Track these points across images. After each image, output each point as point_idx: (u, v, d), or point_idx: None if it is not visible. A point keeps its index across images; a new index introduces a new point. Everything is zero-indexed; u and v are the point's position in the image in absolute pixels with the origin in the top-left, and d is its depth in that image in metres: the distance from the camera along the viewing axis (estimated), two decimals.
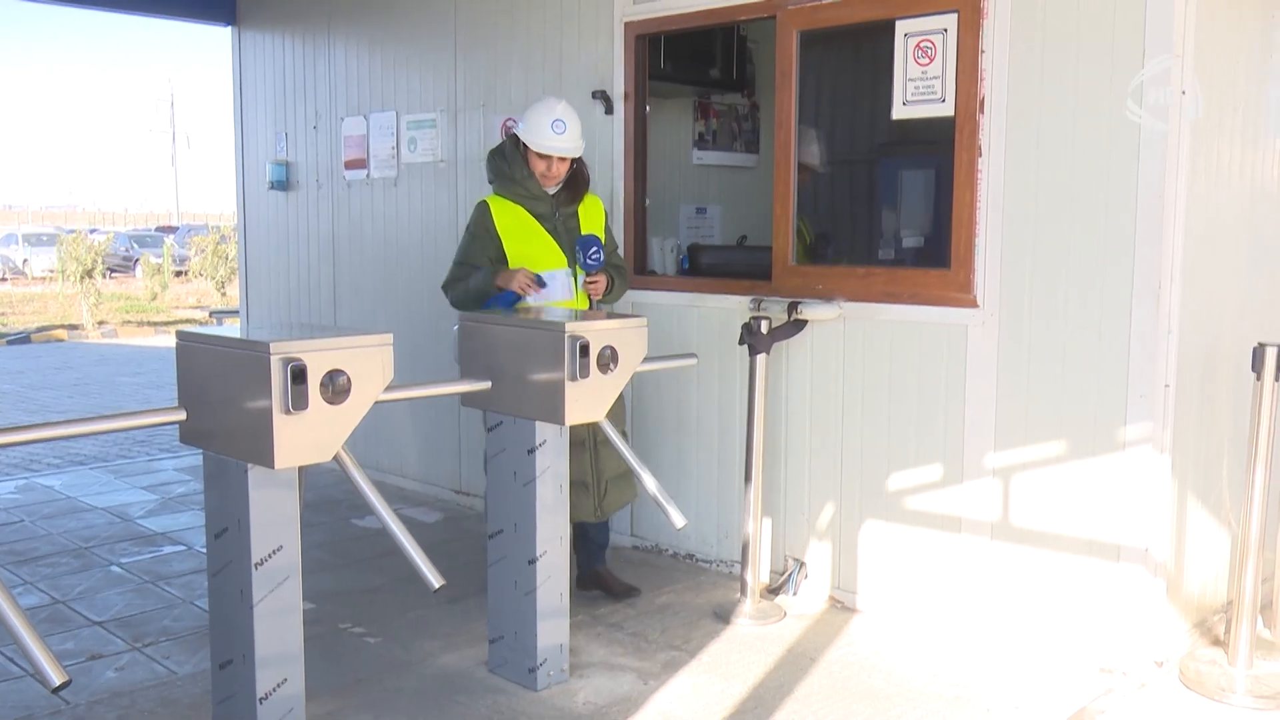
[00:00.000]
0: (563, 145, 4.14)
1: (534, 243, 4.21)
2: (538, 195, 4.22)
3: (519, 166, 4.21)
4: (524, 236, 4.20)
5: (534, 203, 4.21)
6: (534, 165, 4.18)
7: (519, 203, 4.21)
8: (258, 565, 2.87)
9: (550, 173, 4.19)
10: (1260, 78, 4.02)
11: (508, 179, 4.24)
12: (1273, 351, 3.61)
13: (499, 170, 4.26)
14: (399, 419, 6.26)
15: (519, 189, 4.21)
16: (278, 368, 2.73)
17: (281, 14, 6.96)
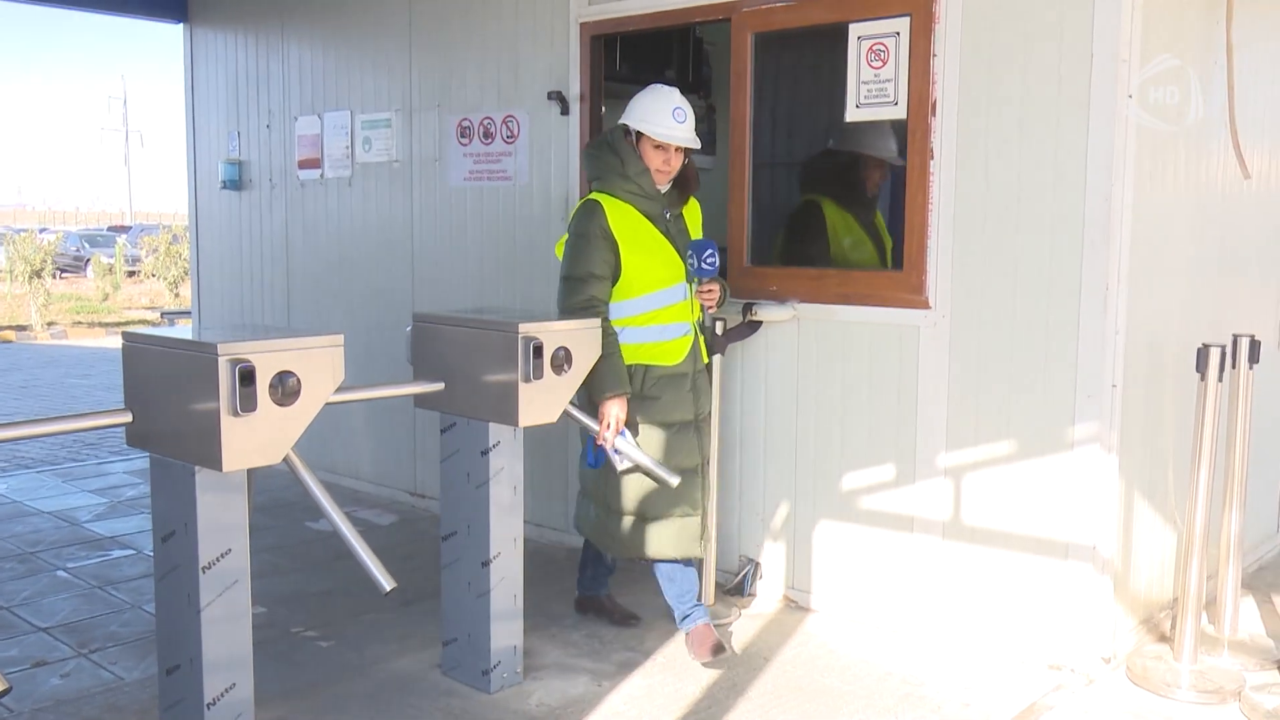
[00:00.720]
0: (685, 135, 3.78)
1: (652, 251, 3.79)
2: (651, 194, 3.81)
3: (633, 160, 3.77)
4: (640, 243, 3.78)
5: (647, 203, 3.81)
6: (649, 159, 3.78)
7: (630, 202, 3.79)
8: (205, 569, 2.84)
9: (667, 166, 3.80)
10: (1205, 84, 4.08)
11: (619, 175, 3.78)
12: (1216, 352, 3.67)
13: (608, 165, 3.80)
14: (354, 420, 6.21)
15: (632, 186, 3.78)
16: (225, 369, 2.70)
17: (234, 11, 6.88)
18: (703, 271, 3.82)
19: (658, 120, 3.76)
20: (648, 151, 3.78)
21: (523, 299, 5.26)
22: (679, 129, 3.76)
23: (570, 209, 5.06)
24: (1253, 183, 4.45)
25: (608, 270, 3.73)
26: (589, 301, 3.71)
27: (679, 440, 3.86)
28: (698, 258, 3.81)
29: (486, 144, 5.40)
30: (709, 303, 3.92)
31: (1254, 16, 4.27)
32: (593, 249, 3.71)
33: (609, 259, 3.72)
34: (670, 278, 3.81)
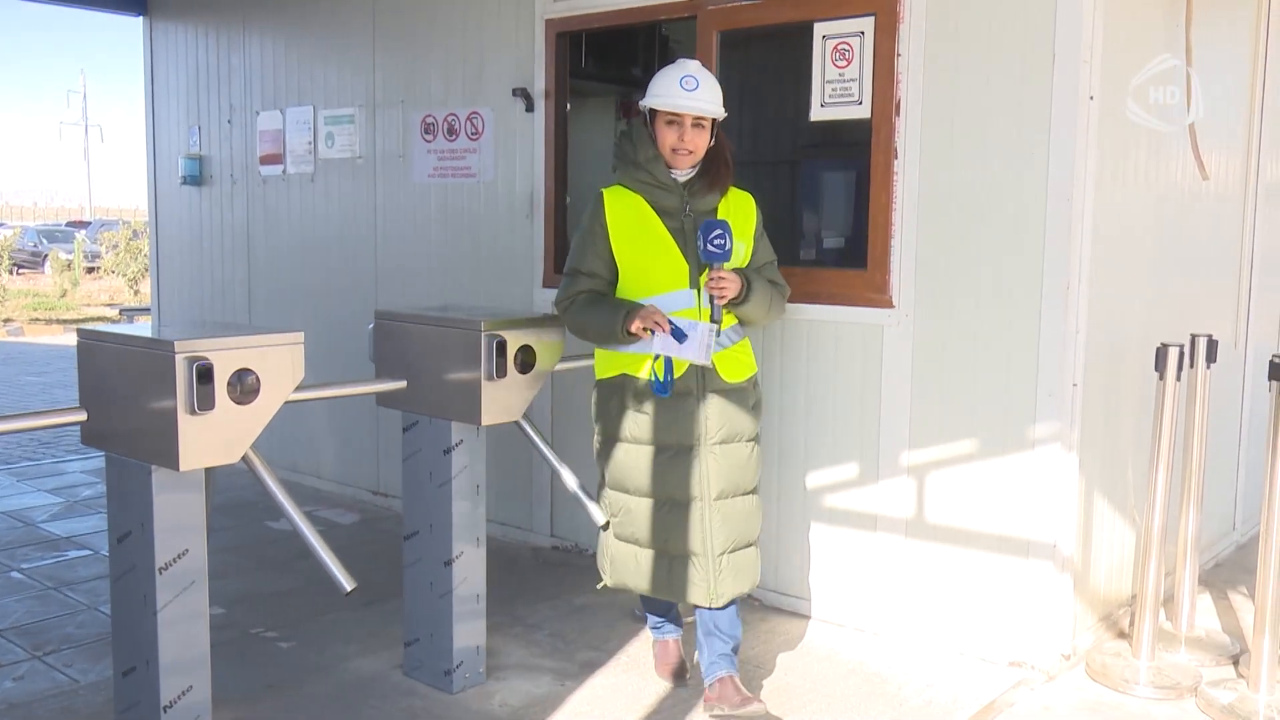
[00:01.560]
0: (695, 103, 3.28)
1: (651, 249, 3.34)
2: (664, 183, 3.35)
3: (644, 145, 3.36)
4: (639, 239, 3.33)
5: (659, 192, 3.36)
6: (662, 140, 3.33)
7: (641, 193, 3.37)
8: (162, 570, 2.80)
9: (682, 145, 3.31)
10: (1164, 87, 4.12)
11: (631, 162, 3.38)
12: (1174, 351, 3.71)
13: (623, 153, 3.42)
14: (315, 419, 6.16)
15: (642, 174, 3.36)
16: (183, 367, 2.66)
17: (194, 4, 6.80)
18: (710, 255, 3.24)
19: (663, 89, 3.32)
20: (661, 131, 3.34)
21: (487, 297, 5.23)
22: (687, 96, 3.29)
23: (535, 206, 5.05)
24: (1211, 183, 4.50)
25: (600, 267, 3.38)
26: (570, 299, 3.43)
27: (671, 468, 3.35)
28: (704, 239, 3.24)
29: (451, 141, 5.37)
30: (720, 294, 3.27)
31: (1209, 21, 4.32)
32: (585, 245, 3.41)
33: (602, 255, 3.38)
34: (672, 281, 3.33)
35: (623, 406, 3.40)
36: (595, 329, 3.37)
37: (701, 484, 3.35)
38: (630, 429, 3.39)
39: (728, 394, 3.38)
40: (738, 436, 3.40)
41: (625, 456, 3.42)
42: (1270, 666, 3.51)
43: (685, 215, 3.36)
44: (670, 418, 3.34)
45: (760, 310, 3.44)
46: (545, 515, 5.16)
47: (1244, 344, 5.09)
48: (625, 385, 3.39)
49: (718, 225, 3.25)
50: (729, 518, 3.37)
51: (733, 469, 3.38)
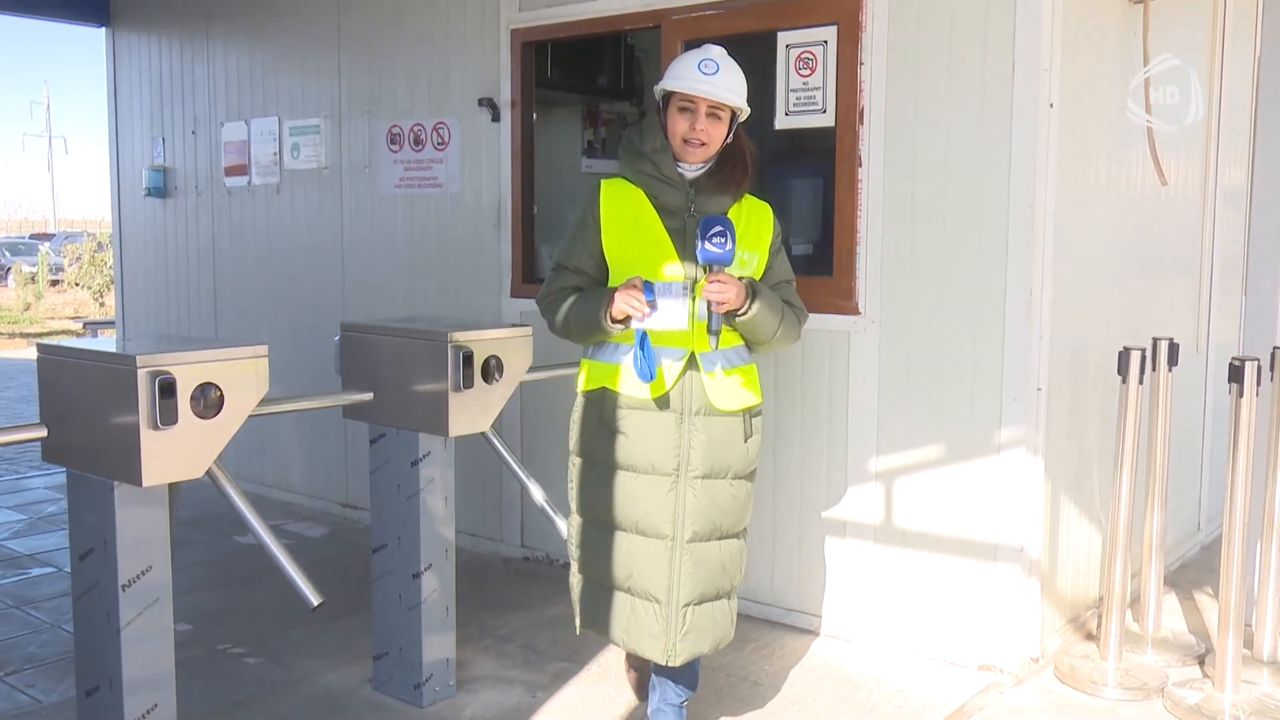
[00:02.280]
0: (712, 88, 2.93)
1: (644, 244, 2.97)
2: (669, 177, 2.99)
3: (653, 134, 3.02)
4: (632, 236, 2.99)
5: (662, 187, 2.99)
6: (673, 129, 2.97)
7: (643, 185, 3.02)
8: (125, 587, 2.76)
9: (694, 133, 2.94)
10: (1123, 95, 4.17)
11: (634, 151, 3.05)
12: (1136, 355, 3.75)
13: (629, 142, 3.10)
14: (283, 431, 6.11)
15: (645, 165, 3.01)
16: (145, 381, 2.64)
17: (157, 15, 6.75)
18: (707, 255, 2.83)
19: (681, 72, 2.98)
20: (673, 120, 2.98)
21: (455, 307, 5.22)
22: (704, 81, 2.93)
23: (501, 216, 5.04)
24: (1171, 188, 4.56)
25: (588, 263, 3.04)
26: (554, 296, 3.09)
27: (642, 497, 2.98)
28: (702, 236, 2.84)
29: (417, 151, 5.36)
30: (717, 301, 2.84)
31: (1165, 28, 4.38)
32: (574, 238, 3.06)
33: (592, 250, 3.03)
34: (656, 270, 2.96)
35: (598, 423, 3.04)
36: (578, 322, 3.00)
37: (675, 521, 2.96)
38: (603, 449, 3.03)
39: (718, 423, 2.98)
40: (724, 472, 3.00)
41: (595, 480, 3.06)
42: (1235, 666, 3.55)
43: (689, 215, 2.97)
44: (648, 439, 2.97)
45: (767, 327, 2.97)
46: (515, 525, 5.14)
47: (1205, 347, 5.15)
48: (603, 400, 3.03)
49: (718, 222, 2.85)
50: (702, 564, 2.99)
51: (713, 509, 2.98)
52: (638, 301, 2.83)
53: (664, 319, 2.87)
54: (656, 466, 2.97)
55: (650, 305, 2.84)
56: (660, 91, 3.02)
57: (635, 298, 2.83)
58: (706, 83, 2.94)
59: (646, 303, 2.84)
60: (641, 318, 2.84)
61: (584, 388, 3.12)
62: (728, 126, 3.00)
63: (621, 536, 3.03)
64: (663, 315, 2.86)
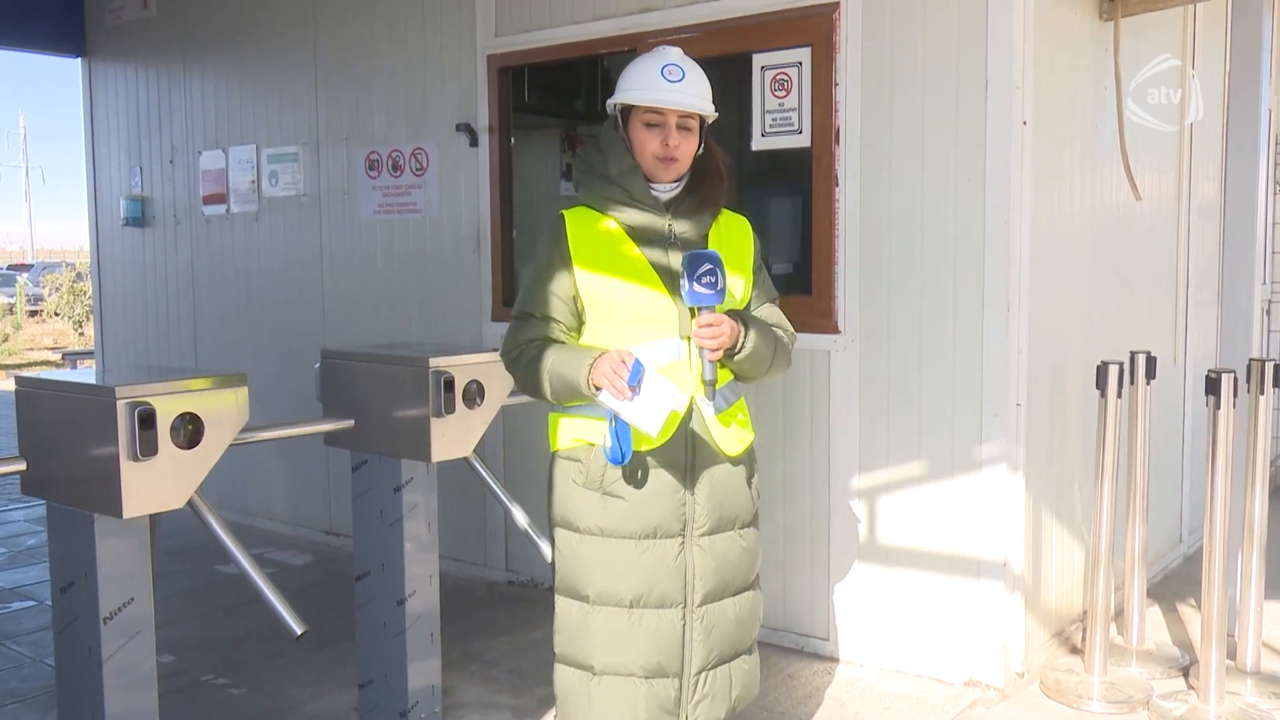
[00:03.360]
0: (681, 97, 2.59)
1: (628, 285, 2.59)
2: (642, 199, 2.63)
3: (617, 154, 2.63)
4: (610, 270, 2.60)
5: (639, 213, 2.63)
6: (642, 146, 2.61)
7: (613, 213, 2.64)
8: (107, 620, 2.74)
9: (666, 152, 2.59)
10: (1095, 112, 4.22)
11: (600, 176, 2.65)
12: (1114, 369, 3.78)
13: (587, 165, 2.71)
14: (264, 460, 6.08)
15: (614, 190, 2.63)
16: (124, 412, 2.62)
17: (133, 45, 6.75)
18: (697, 297, 2.47)
19: (642, 81, 2.62)
20: (640, 136, 2.61)
21: (436, 332, 5.22)
22: (671, 89, 2.59)
23: (481, 241, 5.05)
24: (1145, 203, 4.61)
25: (558, 309, 2.62)
26: (518, 350, 2.67)
27: (654, 564, 2.59)
28: (689, 275, 2.47)
29: (395, 176, 5.36)
30: (711, 344, 2.49)
31: (1135, 46, 4.44)
32: (538, 281, 2.65)
33: (561, 294, 2.62)
34: (656, 326, 2.58)
35: (585, 488, 2.63)
36: (556, 382, 2.56)
37: (687, 586, 2.62)
38: (595, 518, 2.61)
39: (721, 470, 2.66)
40: (732, 523, 2.68)
41: (590, 553, 2.62)
42: (1218, 677, 3.57)
43: (671, 243, 2.63)
44: (650, 500, 2.59)
45: (761, 363, 2.66)
46: (500, 550, 5.13)
47: (1184, 359, 5.20)
48: (589, 459, 2.62)
49: (706, 258, 2.48)
50: (715, 627, 2.66)
51: (724, 565, 2.66)
52: (620, 383, 2.42)
53: (642, 414, 2.42)
54: (660, 530, 2.60)
55: (632, 390, 2.42)
56: (618, 105, 2.67)
57: (619, 376, 2.42)
58: (674, 91, 2.60)
59: (629, 387, 2.41)
60: (619, 399, 2.43)
61: (559, 446, 2.69)
62: (699, 136, 2.67)
63: (620, 614, 2.61)
64: (641, 409, 2.42)
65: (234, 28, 6.08)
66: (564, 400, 2.60)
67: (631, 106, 2.63)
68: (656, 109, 2.59)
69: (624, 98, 2.63)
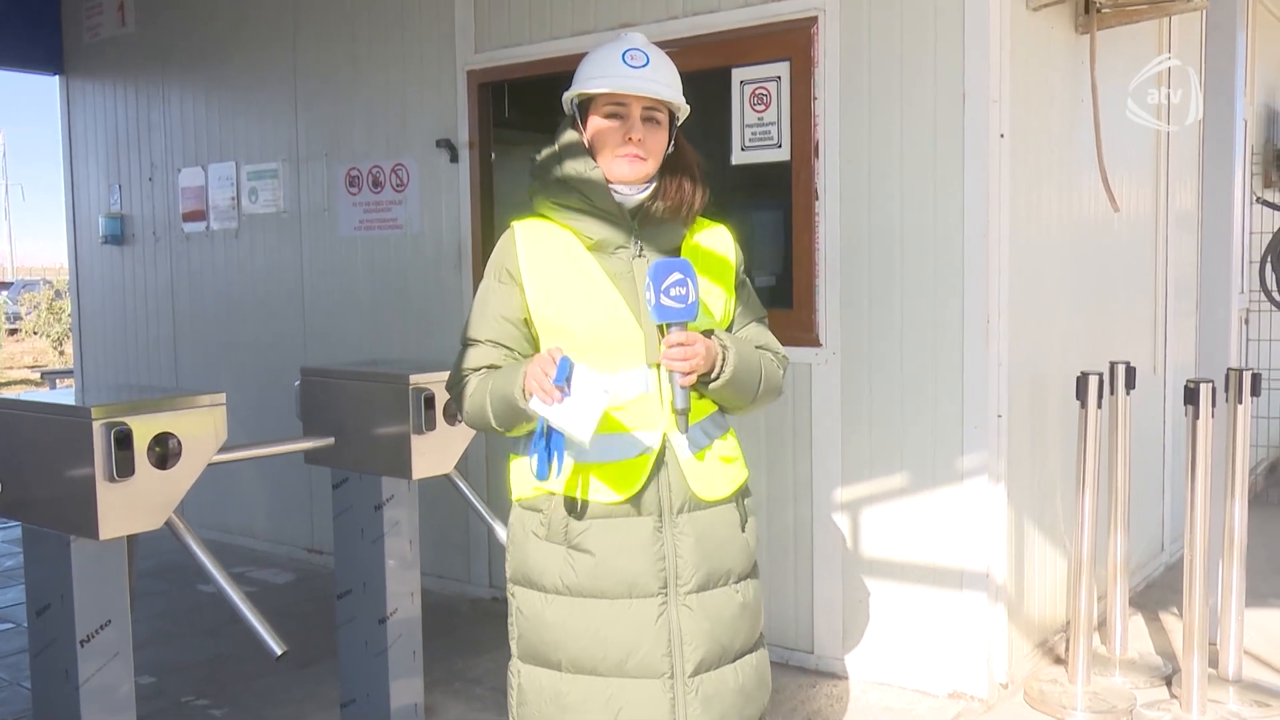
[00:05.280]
0: (646, 84, 2.24)
1: (584, 302, 2.25)
2: (604, 205, 2.27)
3: (575, 154, 2.28)
4: (565, 287, 2.26)
5: (596, 223, 2.27)
6: (602, 143, 2.26)
7: (572, 224, 2.28)
8: (84, 642, 2.72)
9: (631, 150, 2.24)
10: (1072, 124, 4.25)
11: (553, 180, 2.30)
12: (1094, 380, 3.80)
13: (542, 167, 2.34)
14: (245, 478, 6.04)
15: (571, 196, 2.27)
16: (100, 433, 2.61)
17: (111, 63, 6.72)
18: (665, 313, 2.12)
19: (601, 68, 2.26)
20: (600, 131, 2.26)
21: (417, 348, 5.20)
22: (634, 75, 2.23)
23: (462, 257, 5.04)
24: (1124, 214, 4.63)
25: (506, 333, 2.29)
26: (461, 380, 2.33)
27: (628, 626, 2.23)
28: (655, 287, 2.11)
29: (376, 193, 5.35)
30: (682, 369, 2.13)
31: (1112, 58, 4.47)
32: (485, 304, 2.33)
33: (510, 315, 2.28)
34: (619, 354, 2.23)
35: (548, 541, 2.29)
36: (495, 405, 2.23)
37: (672, 653, 2.24)
38: (559, 575, 2.27)
39: (707, 517, 2.30)
40: (725, 577, 2.32)
41: (553, 614, 2.28)
42: (1200, 686, 3.58)
43: (637, 256, 2.27)
44: (621, 554, 2.24)
45: (745, 389, 2.30)
46: (483, 566, 5.11)
47: (1163, 368, 5.22)
48: (551, 509, 2.29)
49: (674, 266, 2.13)
50: (715, 699, 2.27)
51: (719, 627, 2.28)
52: (547, 382, 2.04)
53: (572, 417, 2.05)
54: (637, 589, 2.24)
55: (561, 391, 2.04)
56: (574, 98, 2.31)
57: (543, 370, 2.06)
58: (637, 77, 2.24)
59: (556, 387, 2.04)
60: (547, 402, 2.06)
61: (519, 496, 2.38)
62: (668, 134, 2.32)
63: (598, 684, 2.24)
64: (571, 411, 2.04)
65: (213, 44, 6.07)
66: (509, 426, 2.25)
67: (590, 98, 2.27)
68: (619, 97, 2.24)
69: (580, 87, 2.27)
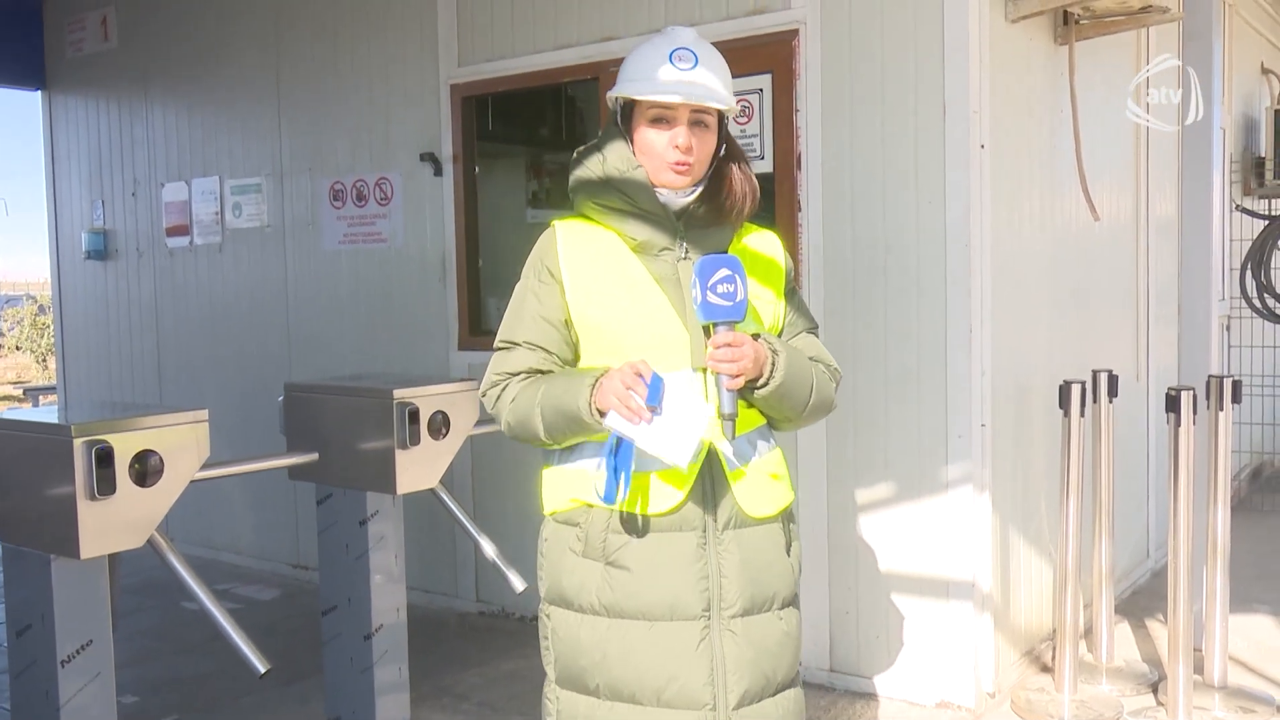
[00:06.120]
0: (695, 88, 2.11)
1: (629, 304, 2.15)
2: (650, 210, 2.17)
3: (618, 154, 2.18)
4: (609, 290, 2.17)
5: (641, 225, 2.18)
6: (648, 147, 2.15)
7: (616, 225, 2.20)
8: (64, 663, 2.70)
9: (680, 154, 2.13)
10: (1052, 134, 4.27)
11: (596, 181, 2.20)
12: (1077, 389, 3.81)
13: (583, 169, 2.23)
14: (230, 493, 6.02)
15: (615, 197, 2.18)
16: (81, 451, 2.59)
17: (94, 78, 6.71)
18: (711, 310, 2.00)
19: (647, 70, 2.15)
20: (646, 135, 2.16)
21: (402, 362, 5.19)
22: (681, 78, 2.12)
23: (447, 270, 5.03)
24: (1104, 222, 4.66)
25: (547, 336, 2.19)
26: (500, 385, 2.23)
27: (668, 650, 2.10)
28: (702, 285, 2.01)
29: (360, 206, 5.35)
30: (730, 371, 2.00)
31: (1091, 68, 4.50)
32: (524, 304, 2.23)
33: (551, 318, 2.19)
34: (664, 358, 2.09)
35: (584, 557, 2.16)
36: (550, 415, 2.12)
37: (714, 682, 2.10)
38: (595, 593, 2.14)
39: (753, 535, 2.17)
40: (768, 602, 2.17)
41: (588, 636, 2.15)
42: (1186, 693, 3.59)
43: (682, 258, 2.18)
44: (662, 572, 2.11)
45: (795, 398, 2.16)
46: (470, 580, 5.09)
47: (1146, 375, 5.25)
48: (588, 523, 2.16)
49: (722, 262, 2.02)
50: None
51: (763, 655, 2.15)
52: (636, 400, 1.95)
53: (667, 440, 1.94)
54: (679, 609, 2.10)
55: (653, 411, 1.93)
56: (619, 98, 2.21)
57: (634, 392, 1.96)
58: (687, 80, 2.12)
59: (648, 408, 1.93)
60: (635, 422, 1.95)
61: (553, 509, 2.24)
62: (717, 136, 2.19)
63: (636, 713, 2.12)
64: (665, 434, 1.94)
65: (196, 59, 6.06)
66: (561, 437, 2.14)
67: (635, 100, 2.17)
68: (665, 104, 2.14)
69: (625, 90, 2.18)
